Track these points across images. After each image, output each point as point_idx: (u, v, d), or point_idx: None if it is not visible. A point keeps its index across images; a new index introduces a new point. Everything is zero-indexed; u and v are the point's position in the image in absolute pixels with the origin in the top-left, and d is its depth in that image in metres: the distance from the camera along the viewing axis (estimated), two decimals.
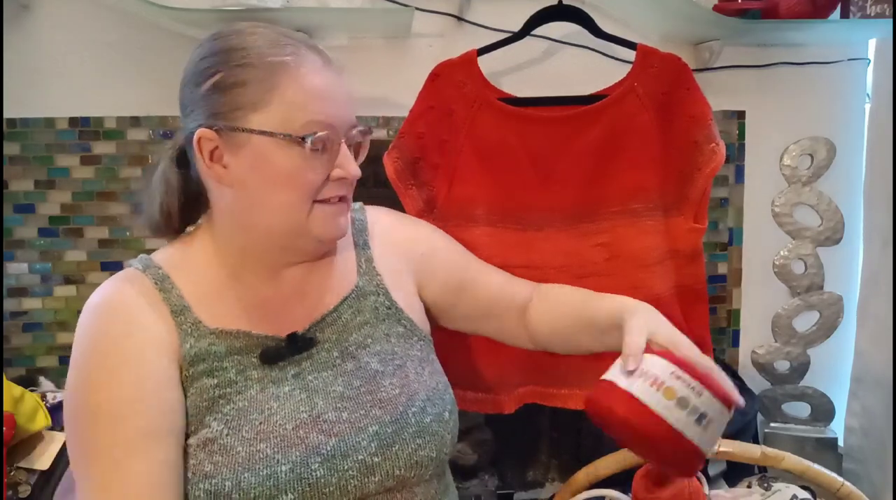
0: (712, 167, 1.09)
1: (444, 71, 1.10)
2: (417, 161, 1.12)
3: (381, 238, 0.91)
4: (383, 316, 0.84)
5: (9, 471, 0.98)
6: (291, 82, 0.71)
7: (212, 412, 0.72)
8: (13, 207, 1.22)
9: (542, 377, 1.13)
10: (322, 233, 0.76)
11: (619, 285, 1.12)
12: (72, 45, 1.20)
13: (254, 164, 0.72)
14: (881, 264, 1.25)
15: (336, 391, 0.77)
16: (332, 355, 0.79)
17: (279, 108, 0.71)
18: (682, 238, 1.13)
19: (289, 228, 0.75)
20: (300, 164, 0.72)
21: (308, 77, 0.72)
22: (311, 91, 0.72)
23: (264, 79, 0.71)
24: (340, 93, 0.76)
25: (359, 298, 0.84)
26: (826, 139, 1.31)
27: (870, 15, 1.19)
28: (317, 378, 0.77)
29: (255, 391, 0.74)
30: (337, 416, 0.75)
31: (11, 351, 1.23)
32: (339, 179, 0.75)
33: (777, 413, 1.35)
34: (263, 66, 0.71)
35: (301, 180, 0.73)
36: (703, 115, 1.09)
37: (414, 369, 0.82)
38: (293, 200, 0.74)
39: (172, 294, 0.75)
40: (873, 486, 1.25)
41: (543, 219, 1.12)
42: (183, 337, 0.73)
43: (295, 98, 0.71)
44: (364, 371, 0.79)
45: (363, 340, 0.81)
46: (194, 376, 0.73)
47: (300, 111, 0.71)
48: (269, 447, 0.71)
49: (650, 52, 1.10)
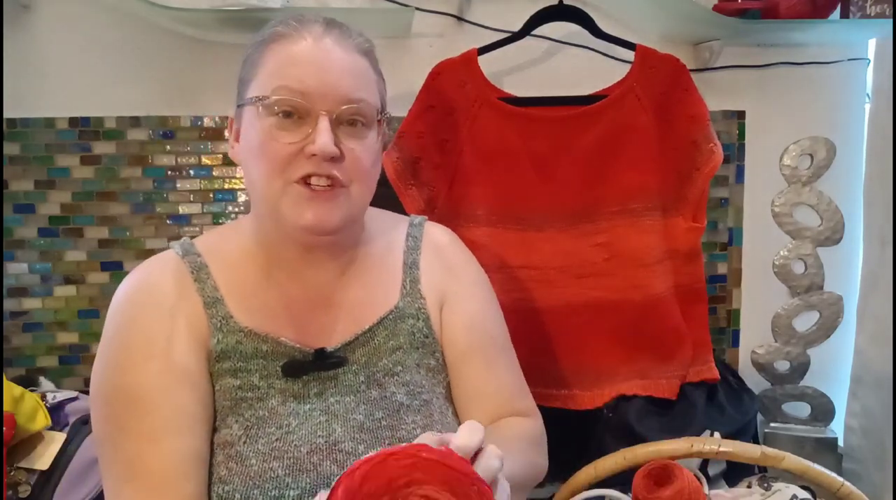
0: (711, 167, 1.10)
1: (445, 70, 1.11)
2: (417, 161, 1.12)
3: (433, 255, 0.85)
4: (418, 344, 0.80)
5: (9, 471, 0.98)
6: (275, 51, 0.71)
7: (234, 413, 0.71)
8: (13, 207, 1.22)
9: (542, 378, 1.13)
10: (291, 217, 0.70)
11: (618, 285, 1.12)
12: (72, 45, 1.20)
13: (243, 136, 0.73)
14: (881, 263, 1.25)
15: (356, 420, 0.74)
16: (359, 379, 0.76)
17: (261, 77, 0.71)
18: (681, 238, 1.13)
19: (268, 208, 0.72)
20: (268, 131, 0.70)
21: (293, 45, 0.70)
22: (290, 57, 0.70)
23: (257, 54, 0.72)
24: (330, 63, 0.70)
25: (396, 320, 0.79)
26: (826, 139, 1.31)
27: (870, 15, 1.19)
28: (339, 402, 0.74)
29: (277, 402, 0.73)
30: (353, 448, 0.72)
31: (11, 351, 1.23)
32: (311, 156, 0.69)
33: (777, 413, 1.35)
34: (260, 44, 0.72)
35: (268, 149, 0.70)
36: (702, 115, 1.10)
37: (439, 408, 0.78)
38: (265, 174, 0.70)
39: (207, 285, 0.74)
40: (873, 486, 1.24)
41: (543, 219, 1.12)
42: (213, 331, 0.72)
43: (271, 66, 0.71)
44: (388, 402, 0.75)
45: (392, 367, 0.78)
46: (219, 372, 0.72)
47: (273, 77, 0.70)
48: (281, 467, 0.69)
49: (649, 53, 1.10)
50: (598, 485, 0.97)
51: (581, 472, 0.98)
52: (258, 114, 0.70)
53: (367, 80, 0.74)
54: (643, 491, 0.90)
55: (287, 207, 0.70)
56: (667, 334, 1.13)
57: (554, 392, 1.14)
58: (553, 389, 1.14)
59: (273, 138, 0.70)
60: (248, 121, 0.73)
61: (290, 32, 0.71)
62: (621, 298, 1.12)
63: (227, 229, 0.82)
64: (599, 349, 1.13)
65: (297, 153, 0.69)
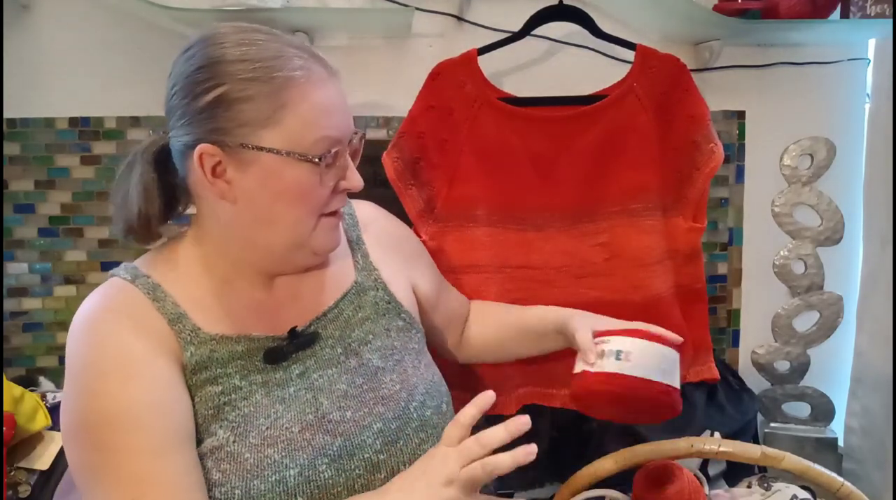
0: (711, 167, 1.09)
1: (445, 70, 1.10)
2: (417, 161, 1.12)
3: (373, 233, 0.90)
4: (383, 311, 0.85)
5: (9, 471, 0.98)
6: (301, 99, 0.70)
7: (217, 420, 0.71)
8: (13, 207, 1.22)
9: (542, 378, 1.13)
10: (322, 246, 0.77)
11: (618, 285, 1.12)
12: (72, 45, 1.20)
13: (264, 181, 0.70)
14: (881, 264, 1.25)
15: (340, 389, 0.77)
16: (336, 351, 0.79)
17: (289, 125, 0.69)
18: (682, 238, 1.13)
19: (292, 242, 0.75)
20: (312, 180, 0.71)
21: (316, 92, 0.71)
22: (320, 106, 0.71)
23: (272, 94, 0.68)
24: (343, 103, 0.75)
25: (359, 293, 0.84)
26: (826, 139, 1.31)
27: (870, 15, 1.19)
28: (322, 376, 0.77)
29: (261, 395, 0.73)
30: (341, 415, 0.75)
31: (11, 351, 1.23)
32: (343, 191, 0.76)
33: (777, 413, 1.35)
34: (271, 82, 0.68)
35: (312, 196, 0.73)
36: (702, 115, 1.10)
37: (412, 363, 0.83)
38: (302, 216, 0.73)
39: (167, 302, 0.72)
40: (873, 486, 1.24)
41: (543, 219, 1.12)
42: (184, 346, 0.71)
43: (305, 115, 0.70)
44: (366, 368, 0.79)
45: (365, 336, 0.82)
46: (197, 384, 0.71)
47: (311, 128, 0.70)
48: (276, 451, 0.70)
49: (649, 53, 1.10)
50: (598, 485, 0.96)
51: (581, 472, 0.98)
52: (289, 161, 0.70)
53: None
54: (643, 491, 0.90)
55: (319, 238, 0.76)
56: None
57: (554, 392, 1.14)
58: (553, 389, 1.14)
59: (320, 185, 0.72)
60: (267, 166, 0.70)
61: (307, 76, 0.70)
62: (621, 298, 1.12)
63: (167, 251, 0.79)
64: None
65: (331, 193, 0.74)
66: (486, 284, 1.11)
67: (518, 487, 1.25)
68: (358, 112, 1.23)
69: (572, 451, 1.20)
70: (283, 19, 1.11)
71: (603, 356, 0.82)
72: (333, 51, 1.23)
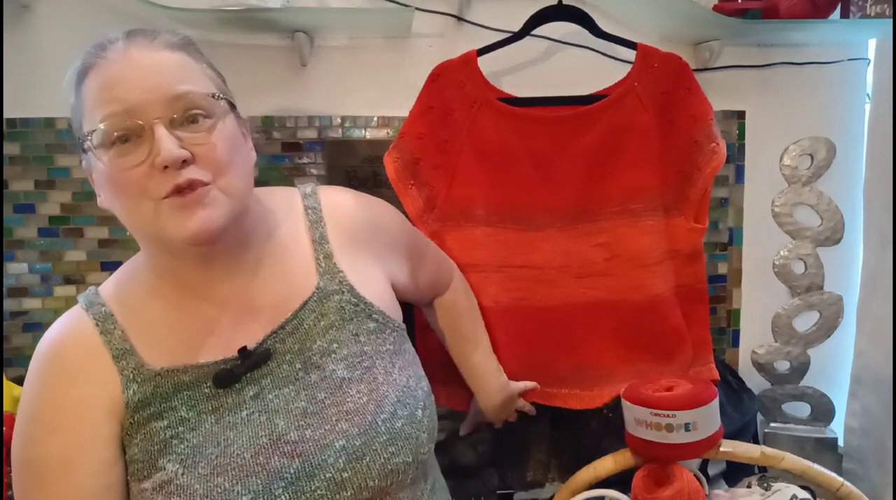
0: (713, 167, 1.09)
1: (444, 71, 1.11)
2: (417, 161, 1.12)
3: (341, 226, 0.82)
4: (350, 315, 0.77)
5: (9, 471, 0.98)
6: (89, 86, 0.67)
7: (165, 454, 0.68)
8: (13, 207, 1.22)
9: (543, 378, 1.13)
10: (177, 233, 0.66)
11: (619, 285, 1.12)
12: (72, 45, 1.19)
13: (95, 179, 0.71)
14: (881, 264, 1.25)
15: (298, 408, 0.72)
16: (295, 367, 0.74)
17: (87, 116, 0.67)
18: (683, 238, 1.13)
19: (148, 234, 0.69)
20: (112, 164, 0.65)
21: (103, 71, 0.66)
22: (104, 83, 0.66)
23: (75, 95, 0.69)
24: (143, 71, 0.66)
25: (321, 300, 0.76)
26: (826, 139, 1.31)
27: (870, 15, 1.19)
28: (278, 396, 0.72)
29: (210, 424, 0.70)
30: (300, 435, 0.70)
31: (11, 351, 1.23)
32: (164, 170, 0.64)
33: (777, 413, 1.35)
34: (74, 83, 0.69)
35: (120, 180, 0.66)
36: (704, 114, 1.09)
37: (384, 368, 0.77)
38: (129, 205, 0.67)
39: (114, 336, 0.71)
40: (873, 486, 1.25)
41: (543, 219, 1.12)
42: (125, 384, 0.69)
43: (91, 99, 0.67)
44: (329, 381, 0.74)
45: (328, 346, 0.75)
46: (140, 422, 0.69)
47: (96, 108, 0.66)
48: (226, 480, 0.67)
49: (650, 52, 1.10)
50: (598, 485, 0.97)
51: (581, 472, 0.98)
52: (97, 153, 0.66)
53: (188, 71, 0.69)
54: (643, 491, 0.90)
55: (167, 224, 0.66)
56: (667, 335, 1.13)
57: (554, 392, 1.14)
58: (553, 388, 1.14)
59: (120, 167, 0.65)
60: (95, 166, 0.68)
61: (94, 61, 0.67)
62: (622, 298, 1.12)
63: (126, 273, 0.77)
64: (600, 349, 1.13)
65: (149, 172, 0.65)
66: (486, 283, 1.11)
67: (518, 487, 1.25)
68: (358, 112, 1.24)
69: (572, 451, 1.20)
70: (283, 19, 1.11)
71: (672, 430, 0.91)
72: (333, 51, 1.23)
